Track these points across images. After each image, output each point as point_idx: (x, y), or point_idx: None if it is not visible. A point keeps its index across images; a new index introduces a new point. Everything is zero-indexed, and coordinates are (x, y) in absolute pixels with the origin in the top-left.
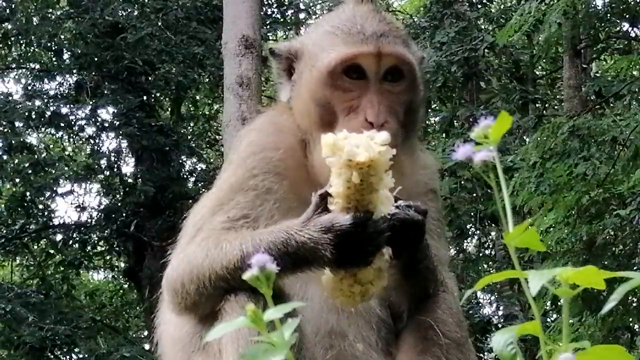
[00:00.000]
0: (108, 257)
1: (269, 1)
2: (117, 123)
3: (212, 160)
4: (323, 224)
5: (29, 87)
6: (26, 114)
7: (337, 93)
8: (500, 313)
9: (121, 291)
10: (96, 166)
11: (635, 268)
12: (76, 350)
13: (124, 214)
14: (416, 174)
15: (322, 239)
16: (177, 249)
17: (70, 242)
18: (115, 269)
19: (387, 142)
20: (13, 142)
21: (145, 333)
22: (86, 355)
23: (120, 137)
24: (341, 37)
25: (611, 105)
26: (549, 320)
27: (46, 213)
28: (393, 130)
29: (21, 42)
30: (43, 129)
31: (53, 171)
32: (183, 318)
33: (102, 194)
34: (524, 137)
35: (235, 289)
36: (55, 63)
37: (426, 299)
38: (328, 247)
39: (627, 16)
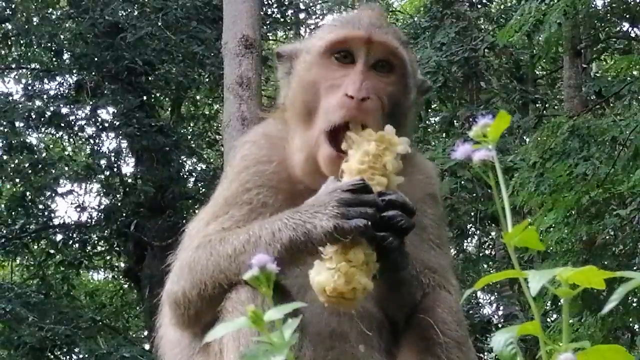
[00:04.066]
0: (108, 257)
1: (269, 1)
2: (117, 123)
3: (212, 160)
4: (329, 188)
5: (29, 87)
6: (26, 114)
7: (324, 73)
8: (500, 313)
9: (121, 291)
10: (96, 166)
11: (635, 268)
12: (76, 350)
13: (124, 214)
14: (412, 178)
15: (328, 201)
16: (176, 262)
17: (70, 242)
18: (115, 269)
19: (407, 141)
20: (13, 142)
21: (145, 333)
22: (86, 355)
23: (120, 137)
24: (337, 25)
25: (611, 105)
26: (549, 320)
27: (46, 213)
28: (375, 108)
29: (21, 42)
30: (43, 129)
31: (53, 171)
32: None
33: (102, 194)
34: (524, 137)
35: (236, 283)
36: (55, 63)
37: (425, 298)
38: (332, 205)
39: (627, 16)
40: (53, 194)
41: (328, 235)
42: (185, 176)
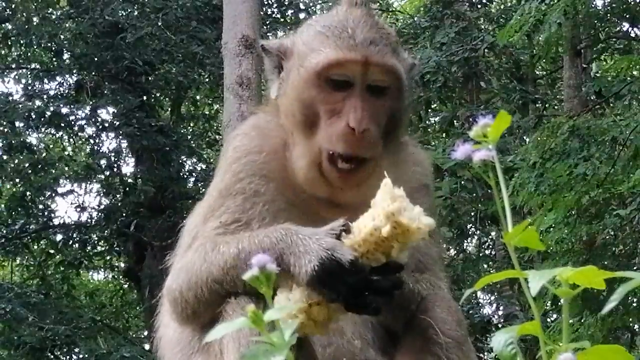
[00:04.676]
0: (108, 257)
1: (269, 1)
2: (117, 123)
3: (212, 160)
4: (327, 244)
5: (29, 87)
6: (26, 114)
7: (322, 95)
8: (500, 313)
9: (121, 291)
10: (96, 166)
11: (635, 268)
12: (76, 350)
13: (124, 214)
14: (406, 168)
15: (314, 253)
16: (175, 259)
17: (70, 242)
18: (115, 269)
19: (431, 226)
20: (13, 142)
21: (145, 333)
22: (86, 355)
23: (120, 137)
24: (331, 40)
25: (611, 105)
26: (549, 320)
27: (46, 213)
28: (373, 139)
29: (21, 42)
30: (43, 129)
31: (53, 171)
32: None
33: (102, 194)
34: (524, 137)
35: (233, 293)
36: (55, 63)
37: (423, 299)
38: (314, 264)
39: (627, 16)
40: (53, 194)
41: (304, 279)
42: (185, 176)
